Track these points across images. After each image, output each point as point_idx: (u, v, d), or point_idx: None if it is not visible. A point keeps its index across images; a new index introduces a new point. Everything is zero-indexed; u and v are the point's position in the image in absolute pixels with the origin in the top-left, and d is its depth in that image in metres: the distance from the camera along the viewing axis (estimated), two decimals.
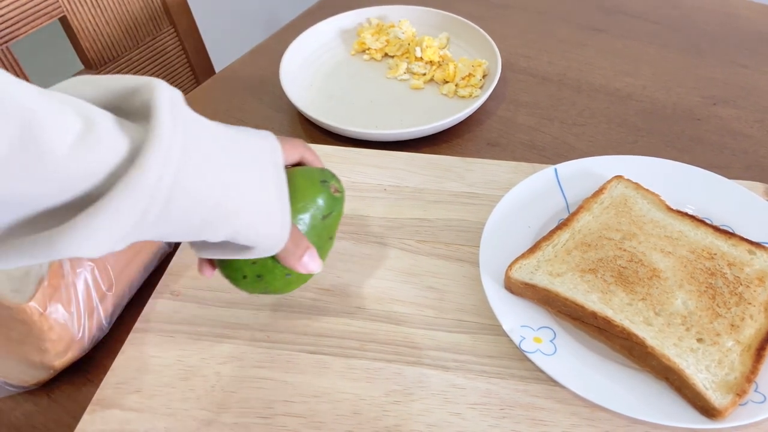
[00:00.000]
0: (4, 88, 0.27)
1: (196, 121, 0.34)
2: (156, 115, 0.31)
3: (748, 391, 0.42)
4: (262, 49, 0.87)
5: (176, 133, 0.31)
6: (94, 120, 0.29)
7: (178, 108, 0.32)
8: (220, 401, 0.46)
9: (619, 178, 0.56)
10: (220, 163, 0.34)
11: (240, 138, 0.38)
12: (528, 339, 0.47)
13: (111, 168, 0.30)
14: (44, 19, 0.80)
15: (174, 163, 0.31)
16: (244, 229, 0.36)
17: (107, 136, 0.30)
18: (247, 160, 0.37)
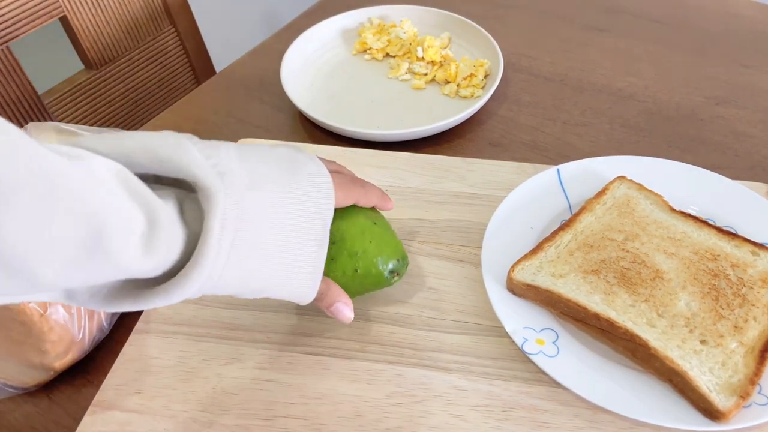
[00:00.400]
0: (76, 188, 0.29)
1: (250, 220, 0.36)
2: (205, 240, 0.34)
3: (751, 393, 0.42)
4: (262, 48, 0.87)
5: (220, 256, 0.34)
6: (157, 219, 0.32)
7: (229, 223, 0.35)
8: (220, 403, 0.46)
9: (621, 179, 0.56)
10: (265, 257, 0.38)
11: (297, 200, 0.39)
12: (530, 341, 0.46)
13: (167, 266, 0.34)
14: (44, 19, 0.80)
15: (214, 279, 0.35)
16: (273, 293, 0.40)
17: (167, 238, 0.33)
18: (298, 227, 0.39)
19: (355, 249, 0.45)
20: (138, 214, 0.31)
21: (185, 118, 0.76)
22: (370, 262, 0.46)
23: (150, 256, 0.32)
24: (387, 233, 0.48)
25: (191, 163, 0.35)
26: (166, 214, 0.33)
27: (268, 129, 0.73)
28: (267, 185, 0.37)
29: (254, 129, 0.73)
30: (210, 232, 0.34)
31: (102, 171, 0.31)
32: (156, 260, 0.32)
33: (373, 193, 0.47)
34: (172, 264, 0.34)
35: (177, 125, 0.75)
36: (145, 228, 0.32)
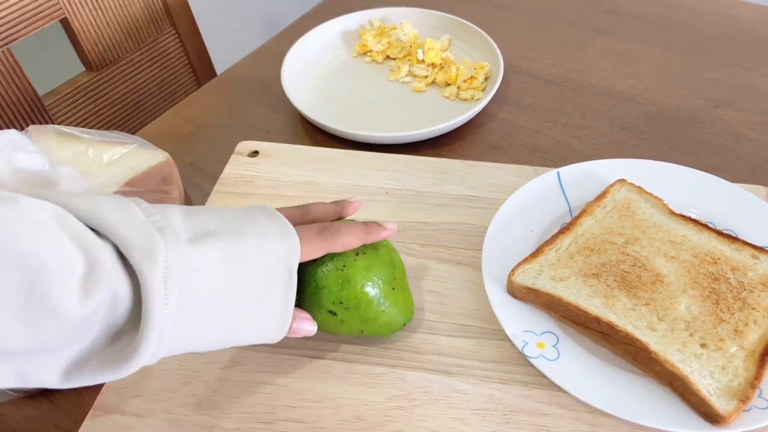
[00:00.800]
0: (6, 231, 0.29)
1: (196, 273, 0.34)
2: (148, 296, 0.32)
3: (752, 396, 0.42)
4: (263, 51, 0.87)
5: (167, 312, 0.33)
6: (97, 259, 0.31)
7: (172, 276, 0.33)
8: (221, 406, 0.46)
9: (622, 182, 0.56)
10: (223, 310, 0.36)
11: (253, 251, 0.37)
12: (531, 344, 0.46)
13: (117, 317, 0.33)
14: (45, 21, 0.80)
15: (168, 335, 0.33)
16: (240, 342, 0.39)
17: (110, 279, 0.32)
18: (259, 277, 0.37)
19: (368, 316, 0.45)
20: (77, 256, 0.30)
21: (186, 120, 0.76)
22: (379, 326, 0.46)
23: (91, 298, 0.31)
24: (402, 295, 0.47)
25: (131, 218, 0.33)
26: (108, 254, 0.32)
27: (268, 131, 0.73)
28: (214, 239, 0.35)
29: (255, 131, 0.73)
30: (152, 285, 0.32)
31: (37, 212, 0.30)
32: (97, 302, 0.31)
33: (352, 235, 0.43)
34: (122, 315, 0.33)
35: (177, 127, 0.75)
36: (85, 269, 0.31)
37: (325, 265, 0.44)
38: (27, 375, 0.32)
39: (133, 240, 0.32)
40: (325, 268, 0.44)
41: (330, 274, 0.43)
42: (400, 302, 0.46)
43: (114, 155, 0.54)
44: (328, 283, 0.43)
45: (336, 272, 0.43)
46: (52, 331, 0.30)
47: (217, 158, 0.67)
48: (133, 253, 0.32)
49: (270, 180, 0.63)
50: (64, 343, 0.32)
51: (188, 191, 0.63)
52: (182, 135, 0.74)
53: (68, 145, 0.53)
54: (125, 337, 0.33)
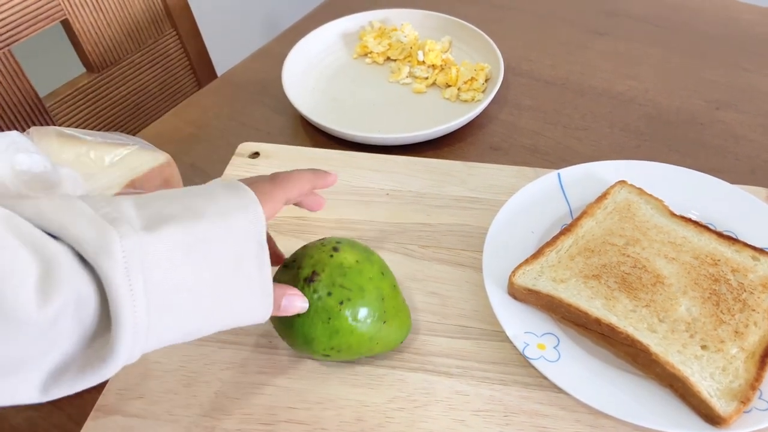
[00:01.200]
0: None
1: (158, 262, 0.33)
2: (112, 290, 0.31)
3: (752, 398, 0.42)
4: (264, 52, 0.87)
5: (137, 303, 0.31)
6: (53, 260, 0.30)
7: (134, 267, 0.31)
8: (222, 407, 0.46)
9: (622, 183, 0.56)
10: (197, 294, 0.35)
11: (214, 229, 0.36)
12: (532, 345, 0.46)
13: (84, 320, 0.31)
14: (46, 22, 0.80)
15: (142, 329, 0.32)
16: (225, 325, 0.38)
17: (70, 279, 0.30)
18: (227, 255, 0.36)
19: (362, 351, 0.45)
20: (30, 258, 0.29)
21: (186, 121, 0.76)
22: (375, 351, 0.46)
23: (51, 301, 0.29)
24: (395, 321, 0.46)
25: (79, 215, 0.32)
26: (64, 255, 0.30)
27: (269, 132, 0.73)
28: (172, 223, 0.34)
29: (255, 132, 0.73)
30: (113, 280, 0.31)
31: None
32: (59, 304, 0.29)
33: (304, 179, 0.43)
34: (91, 317, 0.32)
35: (178, 128, 0.75)
36: (39, 271, 0.29)
37: (310, 319, 0.42)
38: (4, 394, 0.31)
39: (85, 236, 0.31)
40: (310, 321, 0.42)
41: (317, 327, 0.42)
42: (393, 329, 0.46)
43: (115, 157, 0.54)
44: (316, 335, 0.43)
45: (323, 325, 0.42)
46: (17, 342, 0.29)
47: (218, 159, 0.67)
48: (88, 249, 0.31)
49: None
50: (35, 353, 0.30)
51: None
52: (183, 136, 0.74)
53: (69, 147, 0.53)
54: (99, 339, 0.32)
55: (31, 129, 0.52)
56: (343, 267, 0.43)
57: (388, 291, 0.46)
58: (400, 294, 0.48)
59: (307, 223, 0.58)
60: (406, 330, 0.48)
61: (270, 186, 0.40)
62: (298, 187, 0.42)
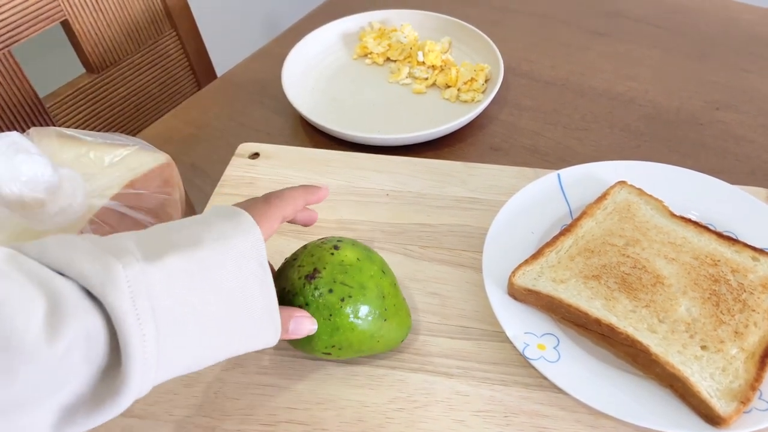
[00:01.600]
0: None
1: (162, 291, 0.33)
2: (119, 320, 0.31)
3: (752, 398, 0.42)
4: (264, 52, 0.87)
5: (146, 333, 0.32)
6: (60, 295, 0.30)
7: (140, 296, 0.32)
8: (222, 408, 0.46)
9: (622, 184, 0.56)
10: (203, 321, 0.35)
11: (214, 254, 0.36)
12: (532, 346, 0.46)
13: (95, 355, 0.31)
14: (46, 23, 0.80)
15: (152, 364, 0.32)
16: (234, 351, 0.38)
17: (77, 314, 0.30)
18: (228, 279, 0.36)
19: (363, 348, 0.45)
20: (37, 294, 0.30)
21: (186, 122, 0.76)
22: (376, 350, 0.46)
23: (60, 336, 0.29)
24: (396, 319, 0.46)
25: (82, 250, 0.32)
26: (70, 289, 0.31)
27: (268, 133, 0.73)
28: (172, 253, 0.34)
29: (255, 133, 0.73)
30: (120, 309, 0.31)
31: None
32: (68, 339, 0.29)
33: (297, 197, 0.44)
34: (102, 352, 0.31)
35: (178, 129, 0.75)
36: (47, 307, 0.29)
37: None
38: None
39: (89, 270, 0.31)
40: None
41: (318, 325, 0.42)
42: (394, 327, 0.46)
43: (115, 157, 0.54)
44: (317, 332, 0.42)
45: (324, 322, 0.42)
46: (27, 378, 0.29)
47: (218, 160, 0.67)
48: (94, 283, 0.31)
49: (271, 182, 0.63)
50: (46, 391, 0.30)
51: (189, 193, 0.63)
52: (183, 137, 0.74)
53: (69, 148, 0.53)
54: (110, 374, 0.32)
55: (31, 129, 0.52)
56: (344, 264, 0.44)
57: (389, 289, 0.46)
58: (400, 293, 0.48)
59: None
60: (406, 329, 0.48)
61: (264, 207, 0.41)
62: (292, 204, 0.43)
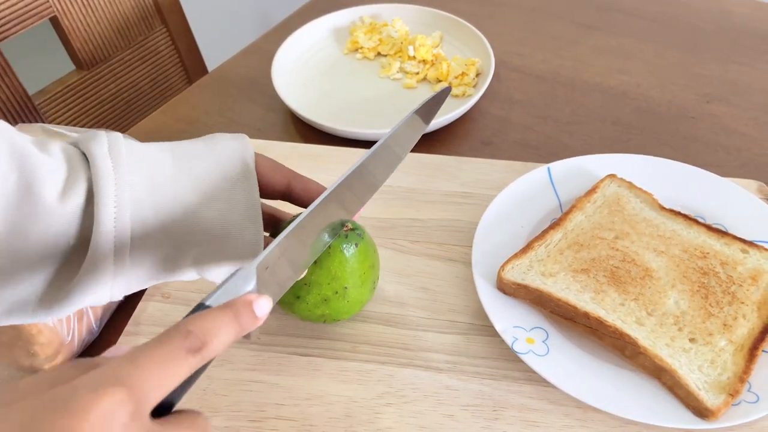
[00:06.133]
0: (6, 134, 0.32)
1: (142, 157, 0.36)
2: (96, 174, 0.34)
3: (741, 391, 0.42)
4: (254, 48, 0.86)
5: (119, 177, 0.35)
6: (74, 166, 0.35)
7: (116, 151, 0.35)
8: (210, 405, 0.46)
9: (612, 177, 0.56)
10: (182, 203, 0.36)
11: (203, 151, 0.38)
12: (521, 340, 0.46)
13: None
14: (35, 20, 0.79)
15: (126, 214, 0.35)
16: (217, 258, 0.38)
17: (82, 183, 0.34)
18: (214, 175, 0.37)
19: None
20: (61, 160, 0.34)
21: (176, 118, 0.76)
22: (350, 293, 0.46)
23: (71, 196, 0.34)
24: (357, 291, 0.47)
25: (85, 142, 0.36)
26: (83, 165, 0.35)
27: (259, 129, 0.73)
28: (159, 143, 0.38)
29: (245, 129, 0.73)
30: (97, 152, 0.35)
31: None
32: (75, 201, 0.34)
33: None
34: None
35: (168, 125, 0.75)
36: (67, 173, 0.34)
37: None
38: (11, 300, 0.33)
39: (82, 140, 0.36)
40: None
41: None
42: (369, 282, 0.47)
43: None
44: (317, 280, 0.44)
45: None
46: (38, 237, 0.33)
47: None
48: (80, 143, 0.36)
49: None
50: (45, 255, 0.33)
51: None
52: (173, 133, 0.73)
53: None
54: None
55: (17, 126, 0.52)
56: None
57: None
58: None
59: None
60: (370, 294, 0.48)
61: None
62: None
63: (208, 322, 0.28)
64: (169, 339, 0.26)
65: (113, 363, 0.25)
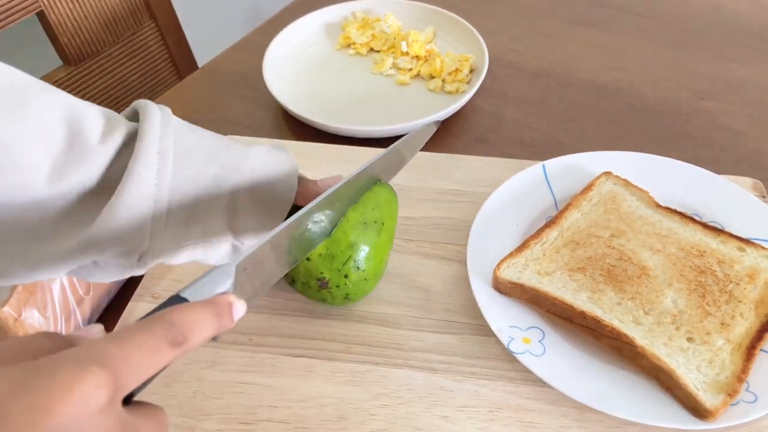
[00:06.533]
0: (55, 92, 0.34)
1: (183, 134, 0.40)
2: (143, 125, 0.37)
3: (739, 390, 0.41)
4: (245, 43, 0.85)
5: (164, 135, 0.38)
6: (110, 117, 0.37)
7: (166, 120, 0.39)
8: (201, 407, 0.45)
9: (607, 175, 0.56)
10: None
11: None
12: (517, 339, 0.46)
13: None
14: (21, 14, 0.78)
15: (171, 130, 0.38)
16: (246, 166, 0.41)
17: (119, 130, 0.37)
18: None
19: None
20: (99, 115, 0.37)
21: None
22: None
23: (110, 140, 0.36)
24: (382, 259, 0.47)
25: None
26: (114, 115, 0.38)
27: (250, 126, 0.72)
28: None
29: (236, 125, 0.72)
30: (147, 108, 0.38)
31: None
32: (114, 145, 0.36)
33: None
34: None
35: None
36: (105, 123, 0.37)
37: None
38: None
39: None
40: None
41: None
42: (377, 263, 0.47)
43: None
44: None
45: None
46: (77, 179, 0.35)
47: None
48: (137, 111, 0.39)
49: None
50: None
51: None
52: None
53: None
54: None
55: None
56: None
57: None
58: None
59: None
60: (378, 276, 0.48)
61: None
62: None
63: (192, 316, 0.27)
64: (153, 328, 0.26)
65: (98, 343, 0.24)
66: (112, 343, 0.24)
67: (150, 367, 0.25)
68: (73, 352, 0.23)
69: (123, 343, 0.24)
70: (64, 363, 0.22)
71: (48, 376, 0.22)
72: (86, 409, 0.22)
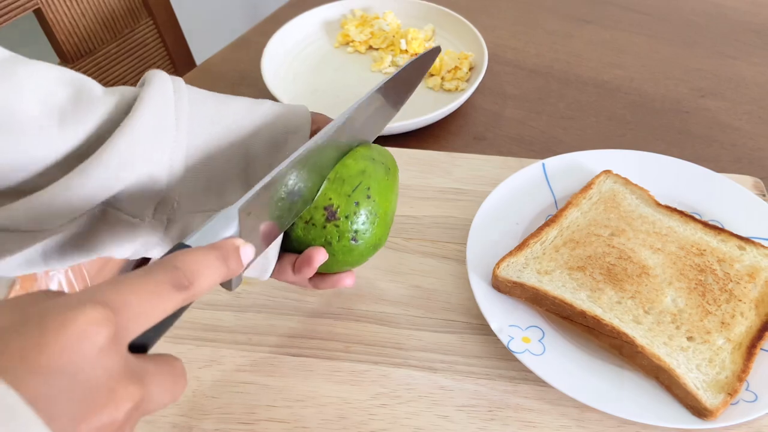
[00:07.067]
0: (58, 67, 0.34)
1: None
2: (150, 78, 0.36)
3: (739, 390, 0.41)
4: (243, 41, 0.85)
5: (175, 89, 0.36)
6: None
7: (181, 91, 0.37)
8: (200, 407, 0.45)
9: (607, 173, 0.56)
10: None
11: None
12: (516, 339, 0.46)
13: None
14: (18, 12, 0.78)
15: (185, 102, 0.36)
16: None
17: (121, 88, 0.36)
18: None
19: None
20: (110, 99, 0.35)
21: None
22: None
23: (113, 93, 0.35)
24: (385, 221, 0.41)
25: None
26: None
27: None
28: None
29: None
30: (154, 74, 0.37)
31: None
32: (119, 92, 0.35)
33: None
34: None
35: None
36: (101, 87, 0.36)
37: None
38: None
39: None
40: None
41: None
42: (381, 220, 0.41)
43: None
44: None
45: None
46: (88, 126, 0.33)
47: None
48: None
49: None
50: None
51: None
52: None
53: None
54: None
55: None
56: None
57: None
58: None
59: None
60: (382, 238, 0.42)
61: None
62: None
63: (196, 260, 0.26)
64: (154, 272, 0.24)
65: (94, 287, 0.23)
66: (108, 286, 0.23)
67: (154, 311, 0.24)
68: (67, 295, 0.22)
69: (120, 287, 0.23)
70: (57, 305, 0.22)
71: (40, 318, 0.21)
72: (82, 348, 0.21)
